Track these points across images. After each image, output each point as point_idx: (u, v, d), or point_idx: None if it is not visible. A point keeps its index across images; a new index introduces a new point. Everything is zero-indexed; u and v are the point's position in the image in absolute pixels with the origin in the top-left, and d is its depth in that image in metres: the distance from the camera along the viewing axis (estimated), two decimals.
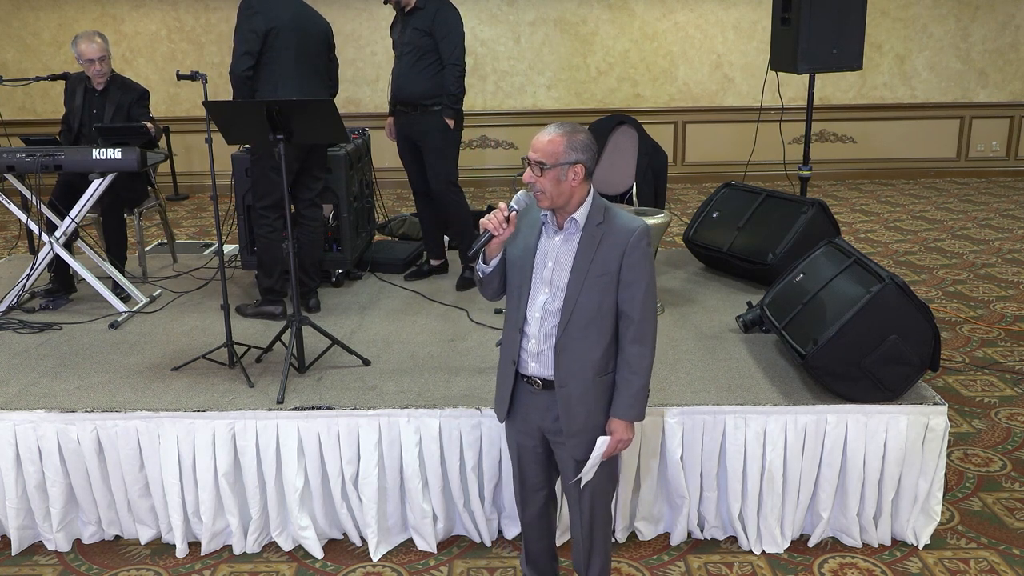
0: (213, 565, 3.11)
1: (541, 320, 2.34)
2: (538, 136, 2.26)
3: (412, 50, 4.33)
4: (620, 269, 2.28)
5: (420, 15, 4.31)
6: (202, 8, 8.71)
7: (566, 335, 2.31)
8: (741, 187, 4.74)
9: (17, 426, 3.08)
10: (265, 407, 3.11)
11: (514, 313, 2.40)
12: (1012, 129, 9.20)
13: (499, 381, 2.50)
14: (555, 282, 2.32)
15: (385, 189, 4.95)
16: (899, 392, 3.04)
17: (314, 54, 4.12)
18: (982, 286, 5.77)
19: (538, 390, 2.40)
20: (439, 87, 4.34)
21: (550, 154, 2.22)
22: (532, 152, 2.25)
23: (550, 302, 2.33)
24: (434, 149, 4.44)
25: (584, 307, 2.30)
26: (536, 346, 2.36)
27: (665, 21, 8.86)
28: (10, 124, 7.61)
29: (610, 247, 2.28)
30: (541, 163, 2.23)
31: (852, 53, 4.74)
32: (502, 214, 2.28)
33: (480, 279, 2.44)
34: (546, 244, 2.35)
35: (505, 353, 2.45)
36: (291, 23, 3.98)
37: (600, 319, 2.31)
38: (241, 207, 4.62)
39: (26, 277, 4.20)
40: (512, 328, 2.40)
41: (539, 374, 2.38)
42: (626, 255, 2.28)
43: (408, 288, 4.55)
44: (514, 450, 2.56)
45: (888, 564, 3.04)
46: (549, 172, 2.23)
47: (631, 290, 2.29)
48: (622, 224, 2.30)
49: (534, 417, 2.44)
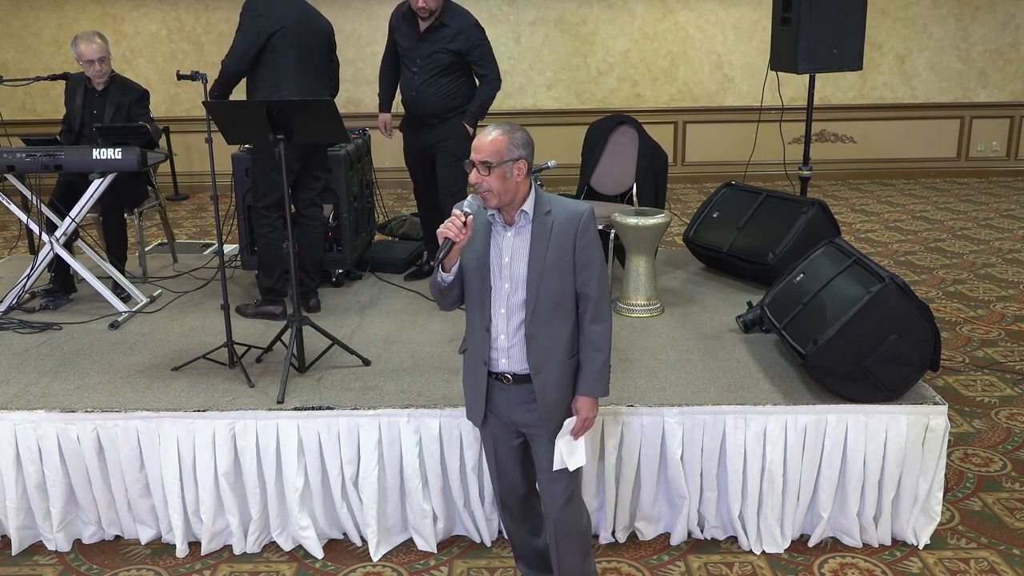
0: (213, 565, 3.11)
1: (507, 316, 2.39)
2: (480, 138, 2.33)
3: (434, 66, 4.25)
4: (574, 252, 2.36)
5: (445, 32, 4.21)
6: (202, 8, 8.71)
7: (534, 324, 2.37)
8: (741, 187, 4.74)
9: (17, 426, 3.08)
10: (265, 407, 3.11)
11: (478, 315, 2.44)
12: (1012, 129, 9.20)
13: (468, 387, 2.53)
14: (514, 276, 2.38)
15: (385, 189, 4.94)
16: (899, 392, 3.04)
17: (316, 54, 4.12)
18: (982, 286, 5.77)
19: (509, 385, 2.44)
20: (458, 99, 4.30)
21: (494, 152, 2.29)
22: (476, 153, 2.30)
23: (512, 296, 2.38)
24: (451, 156, 4.37)
25: (546, 295, 2.36)
26: (506, 341, 2.40)
27: (665, 21, 8.86)
28: (10, 124, 7.60)
29: (562, 233, 2.35)
30: (487, 162, 2.29)
31: (852, 53, 4.74)
32: (459, 220, 2.30)
33: (440, 290, 2.45)
34: (499, 241, 2.40)
35: (472, 357, 2.49)
36: (295, 24, 3.98)
37: (563, 303, 2.38)
38: (241, 207, 4.62)
39: (26, 277, 4.20)
40: (479, 330, 2.44)
41: (510, 369, 2.43)
42: (578, 238, 2.36)
43: (408, 288, 4.55)
44: (491, 451, 2.59)
45: (888, 564, 3.04)
46: (496, 170, 2.29)
47: (588, 271, 2.38)
48: (569, 210, 2.38)
49: (508, 414, 2.48)
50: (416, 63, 4.30)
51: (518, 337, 2.39)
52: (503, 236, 2.39)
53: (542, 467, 2.51)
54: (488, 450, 2.61)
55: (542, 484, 2.56)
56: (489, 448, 2.60)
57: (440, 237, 2.31)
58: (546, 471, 2.49)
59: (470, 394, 2.53)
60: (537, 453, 2.51)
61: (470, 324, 2.49)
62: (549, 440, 2.45)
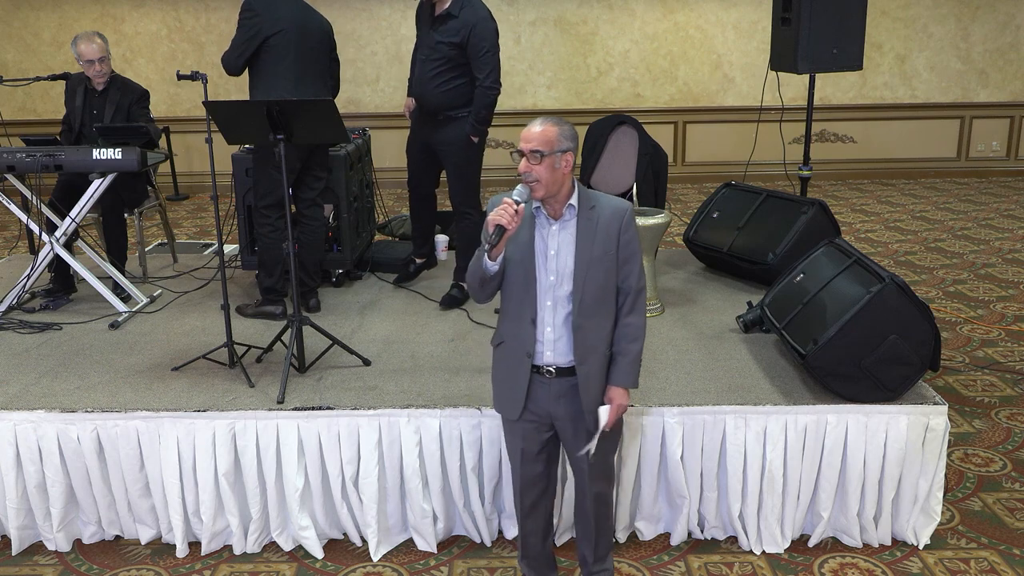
0: (213, 565, 3.11)
1: (554, 308, 2.42)
2: (529, 128, 2.35)
3: (438, 58, 4.07)
4: (618, 247, 2.42)
5: (453, 23, 4.02)
6: (202, 8, 8.71)
7: (580, 316, 2.41)
8: (741, 187, 4.74)
9: (17, 426, 3.08)
10: (265, 407, 3.11)
11: (522, 308, 2.44)
12: (1012, 129, 9.20)
13: (504, 380, 2.53)
14: (560, 269, 2.41)
15: (385, 189, 4.94)
16: (899, 392, 3.04)
17: (315, 54, 4.12)
18: (982, 286, 5.77)
19: (551, 378, 2.46)
20: (462, 97, 4.11)
21: (545, 142, 2.32)
22: (526, 143, 2.33)
23: (558, 288, 2.41)
24: (454, 165, 4.25)
25: (592, 287, 2.40)
26: (552, 334, 2.43)
27: (665, 21, 8.86)
28: (10, 124, 7.61)
29: (607, 228, 2.41)
30: (538, 151, 2.32)
31: (852, 53, 4.74)
32: (511, 207, 2.31)
33: (482, 280, 2.43)
34: (544, 234, 2.42)
35: (512, 350, 2.48)
36: (293, 24, 3.98)
37: (606, 297, 2.44)
38: (241, 207, 4.62)
39: (26, 277, 4.20)
40: (522, 322, 2.44)
41: (555, 362, 2.45)
42: (622, 234, 2.42)
43: (408, 288, 4.54)
44: (518, 444, 2.58)
45: (888, 564, 3.04)
46: (546, 159, 2.32)
47: (629, 266, 2.45)
48: (612, 206, 2.44)
49: (547, 406, 2.49)
50: (423, 52, 4.18)
51: (564, 329, 2.43)
52: (548, 229, 2.42)
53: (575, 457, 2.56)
54: (514, 444, 2.60)
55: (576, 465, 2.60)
56: (516, 442, 2.59)
57: (491, 225, 2.31)
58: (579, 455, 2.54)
59: (505, 387, 2.53)
60: (569, 443, 2.55)
61: (510, 317, 2.48)
62: (586, 430, 2.48)
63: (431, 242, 4.75)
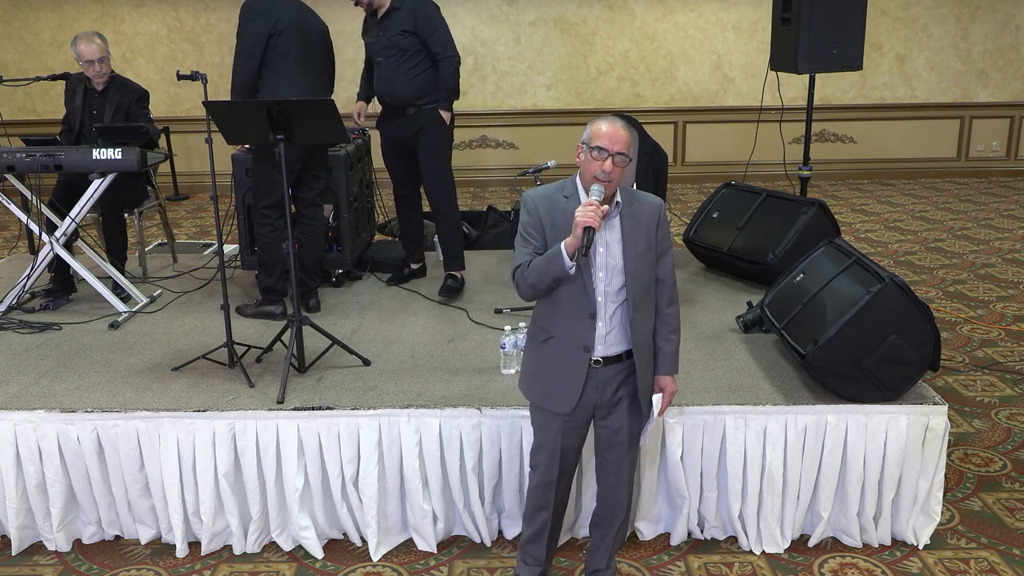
0: (213, 565, 3.11)
1: (604, 303, 2.47)
2: (614, 130, 2.39)
3: (395, 52, 4.24)
4: (656, 242, 2.51)
5: (398, 16, 4.21)
6: (202, 8, 8.71)
7: (633, 309, 2.49)
8: (741, 187, 4.74)
9: (17, 426, 3.08)
10: (265, 407, 3.11)
11: (574, 304, 2.47)
12: (1012, 129, 9.20)
13: (555, 374, 2.54)
14: (609, 265, 2.46)
15: (385, 189, 4.93)
16: (899, 392, 3.04)
17: (315, 54, 4.13)
18: (982, 286, 5.77)
19: (600, 368, 2.52)
20: (430, 85, 4.27)
21: (629, 146, 2.40)
22: (616, 144, 2.38)
23: (608, 284, 2.46)
24: (429, 151, 4.36)
25: (640, 281, 2.49)
26: (604, 327, 2.49)
27: (665, 21, 8.86)
28: (10, 124, 7.61)
29: (647, 224, 2.49)
30: (626, 155, 2.39)
31: (852, 53, 4.74)
32: (598, 208, 2.34)
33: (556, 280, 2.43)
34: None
35: (565, 345, 2.51)
36: (294, 23, 3.99)
37: (650, 290, 2.53)
38: (241, 207, 4.62)
39: (26, 277, 4.20)
40: (578, 318, 2.48)
41: (605, 353, 2.52)
42: (659, 227, 2.52)
43: (407, 288, 4.55)
44: (557, 436, 2.59)
45: (888, 564, 3.04)
46: (627, 163, 2.40)
47: (666, 258, 2.56)
48: (648, 201, 2.53)
49: (596, 396, 2.55)
50: (381, 54, 4.30)
51: (614, 322, 2.50)
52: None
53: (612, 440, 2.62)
54: (553, 438, 2.60)
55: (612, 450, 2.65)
56: (555, 434, 2.60)
57: (579, 228, 2.32)
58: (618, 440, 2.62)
59: (557, 381, 2.54)
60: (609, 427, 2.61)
61: (562, 312, 2.50)
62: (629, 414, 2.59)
63: (422, 248, 4.76)
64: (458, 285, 4.43)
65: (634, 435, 2.64)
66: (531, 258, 2.45)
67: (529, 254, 2.46)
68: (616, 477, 2.68)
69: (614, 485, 2.69)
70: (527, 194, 2.50)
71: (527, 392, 2.66)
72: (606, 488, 2.73)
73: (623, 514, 2.75)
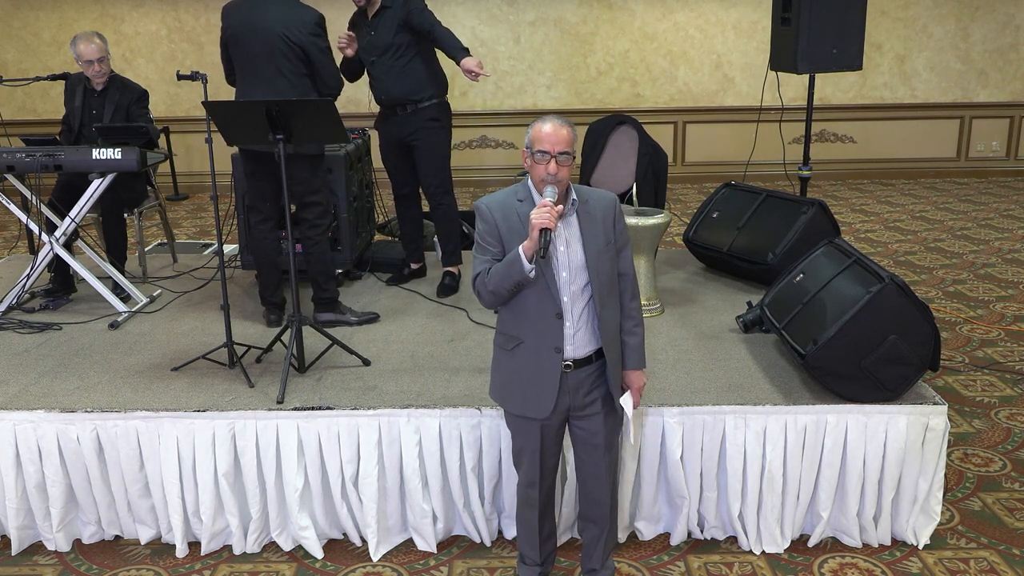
0: (213, 565, 3.11)
1: (571, 303, 2.46)
2: (553, 130, 2.38)
3: (391, 49, 4.24)
4: (615, 236, 2.51)
5: (390, 13, 4.22)
6: (202, 8, 8.71)
7: (600, 306, 2.48)
8: (741, 187, 4.74)
9: (17, 426, 3.08)
10: (265, 407, 3.11)
11: (543, 305, 2.45)
12: (1012, 129, 9.20)
13: (528, 380, 2.53)
14: (572, 263, 2.46)
15: (385, 189, 4.93)
16: (899, 392, 3.04)
17: (271, 55, 3.83)
18: (982, 286, 5.77)
19: (571, 371, 2.51)
20: (424, 82, 4.29)
21: (571, 143, 2.40)
22: (557, 145, 2.37)
23: (572, 283, 2.45)
24: (427, 149, 4.36)
25: (602, 276, 2.48)
26: (572, 327, 2.48)
27: (665, 21, 8.86)
28: (10, 124, 7.61)
29: (603, 219, 2.49)
30: (569, 153, 2.39)
31: (852, 53, 4.74)
32: (552, 209, 2.33)
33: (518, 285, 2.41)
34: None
35: (534, 349, 2.49)
36: (240, 28, 3.89)
37: (613, 284, 2.52)
38: (241, 207, 4.62)
39: (26, 277, 4.20)
40: (545, 320, 2.46)
41: (574, 355, 2.50)
42: (616, 222, 2.51)
43: (408, 288, 4.55)
44: (536, 440, 2.59)
45: (888, 564, 3.04)
46: (572, 161, 2.40)
47: (625, 251, 2.56)
48: (601, 196, 2.53)
49: (569, 399, 2.54)
50: (374, 53, 4.30)
51: (581, 321, 2.48)
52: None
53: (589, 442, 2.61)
54: (532, 441, 2.60)
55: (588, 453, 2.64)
56: (534, 438, 2.59)
57: (535, 230, 2.31)
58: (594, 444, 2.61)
59: (531, 387, 2.53)
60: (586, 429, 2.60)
61: (528, 317, 2.48)
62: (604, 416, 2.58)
63: (422, 248, 4.77)
64: (455, 283, 4.44)
65: (610, 439, 2.64)
66: (490, 265, 2.44)
67: (488, 261, 2.45)
68: (596, 478, 2.68)
69: (593, 485, 2.70)
70: (481, 201, 2.49)
71: (503, 402, 2.65)
72: (586, 487, 2.73)
73: (606, 511, 2.74)
